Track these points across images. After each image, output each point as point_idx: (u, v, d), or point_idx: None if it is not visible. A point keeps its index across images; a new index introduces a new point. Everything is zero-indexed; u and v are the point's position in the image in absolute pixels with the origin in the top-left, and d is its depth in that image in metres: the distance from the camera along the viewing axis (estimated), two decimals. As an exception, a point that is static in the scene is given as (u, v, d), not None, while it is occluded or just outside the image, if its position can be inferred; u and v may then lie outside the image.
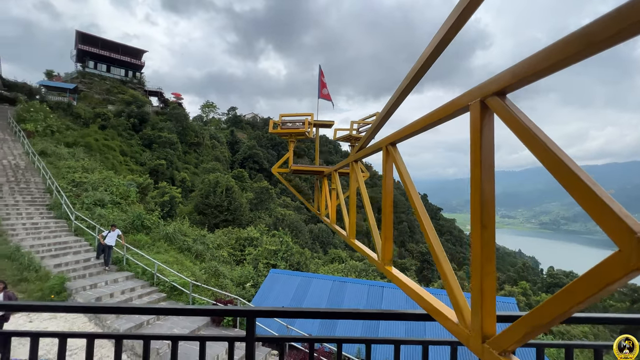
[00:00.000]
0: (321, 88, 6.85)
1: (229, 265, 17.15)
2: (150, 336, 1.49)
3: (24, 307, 1.76)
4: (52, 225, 13.79)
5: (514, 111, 0.76)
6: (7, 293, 6.77)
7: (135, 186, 20.64)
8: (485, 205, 0.87)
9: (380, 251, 1.87)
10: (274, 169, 6.20)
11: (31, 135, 22.85)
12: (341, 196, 3.41)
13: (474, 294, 0.89)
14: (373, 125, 2.00)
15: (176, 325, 9.10)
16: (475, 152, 0.90)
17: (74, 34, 43.14)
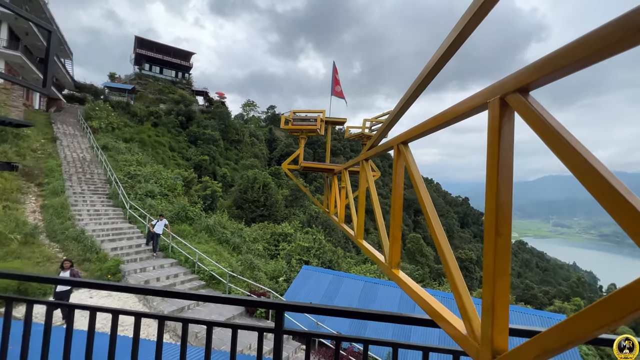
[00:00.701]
0: (334, 85, 6.76)
1: (263, 258, 17.74)
2: (188, 319, 1.61)
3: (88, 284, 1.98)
4: (111, 212, 15.33)
5: (538, 110, 0.69)
6: (73, 271, 7.68)
7: (181, 180, 22.19)
8: (501, 211, 0.81)
9: (387, 253, 1.80)
10: (284, 165, 6.21)
11: (96, 131, 25.56)
12: (350, 195, 3.35)
13: (485, 305, 0.83)
14: (385, 123, 1.93)
15: (213, 312, 9.64)
16: (493, 153, 0.84)
17: (133, 39, 47.32)
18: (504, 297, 0.81)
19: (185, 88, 47.84)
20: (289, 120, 5.69)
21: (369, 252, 2.36)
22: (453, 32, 1.02)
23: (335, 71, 6.83)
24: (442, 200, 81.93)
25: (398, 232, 1.73)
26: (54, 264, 10.37)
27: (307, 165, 5.55)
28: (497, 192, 0.82)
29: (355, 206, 3.17)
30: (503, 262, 0.81)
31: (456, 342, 1.04)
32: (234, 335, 1.61)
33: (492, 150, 0.84)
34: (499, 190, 0.82)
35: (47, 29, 2.36)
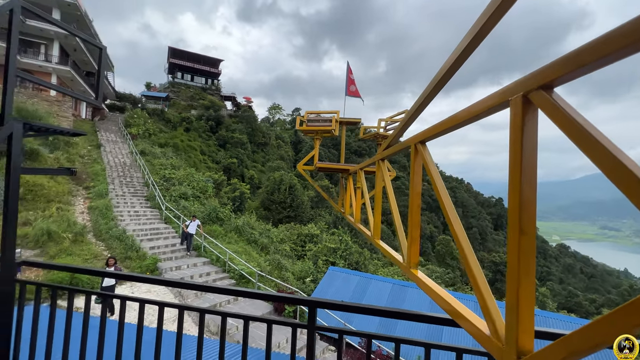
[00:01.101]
0: (348, 85, 6.70)
1: (290, 259, 18.01)
2: (227, 313, 1.71)
3: (134, 277, 2.16)
4: (148, 213, 16.31)
5: (564, 107, 0.67)
6: (117, 267, 8.28)
7: (211, 182, 23.13)
8: (525, 209, 0.80)
9: (405, 253, 1.78)
10: (299, 165, 6.20)
11: (134, 137, 27.34)
12: (366, 195, 3.30)
13: (510, 306, 0.82)
14: (401, 122, 1.90)
15: (244, 310, 9.95)
16: (515, 152, 0.82)
17: (167, 50, 50.09)
18: (528, 297, 0.80)
19: (215, 94, 49.81)
20: (303, 121, 5.73)
21: (386, 252, 2.35)
22: (474, 26, 1.01)
23: (350, 71, 6.81)
24: (473, 201, 78.46)
25: (416, 232, 1.72)
26: (100, 261, 11.23)
27: (321, 166, 5.56)
28: (520, 191, 0.81)
29: (371, 206, 3.15)
30: (527, 261, 0.80)
31: (479, 342, 1.02)
32: (269, 329, 1.69)
33: (515, 149, 0.83)
34: (522, 189, 0.81)
35: (99, 46, 2.60)
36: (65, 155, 18.67)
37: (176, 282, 1.95)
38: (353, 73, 6.93)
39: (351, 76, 6.85)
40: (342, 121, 5.95)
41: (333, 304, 1.62)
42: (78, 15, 26.61)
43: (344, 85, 6.90)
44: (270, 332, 1.69)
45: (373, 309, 1.57)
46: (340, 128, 6.03)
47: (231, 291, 1.86)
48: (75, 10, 25.92)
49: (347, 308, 1.61)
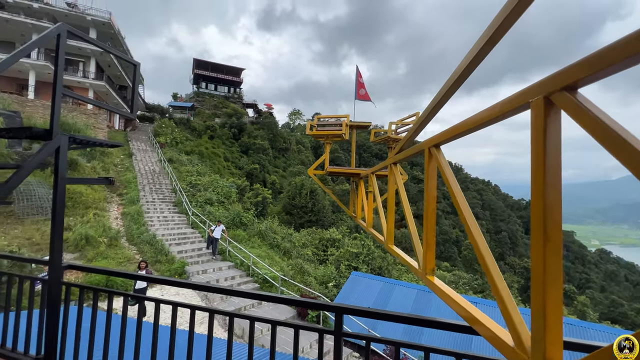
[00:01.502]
0: (358, 89, 6.67)
1: (312, 263, 18.04)
2: (255, 318, 1.75)
3: (167, 281, 2.26)
4: (176, 218, 16.98)
5: (590, 108, 0.64)
6: (148, 271, 8.67)
7: (235, 188, 23.72)
8: (549, 215, 0.76)
9: (421, 259, 1.73)
10: (310, 170, 6.18)
11: (163, 146, 28.65)
12: (378, 199, 3.25)
13: (536, 315, 0.78)
14: (415, 124, 1.86)
15: (268, 314, 10.06)
16: (538, 155, 0.80)
17: (192, 61, 52.30)
18: (556, 306, 0.76)
19: (237, 102, 51.25)
20: (313, 126, 5.76)
21: (401, 258, 2.30)
22: (491, 25, 0.98)
23: (359, 75, 6.82)
24: (502, 204, 75.07)
25: (432, 237, 1.68)
26: (132, 264, 11.81)
27: (332, 170, 5.54)
28: (544, 196, 0.78)
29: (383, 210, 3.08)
30: (554, 268, 0.76)
31: (502, 353, 0.98)
32: (296, 334, 1.71)
33: (537, 152, 0.81)
34: (546, 193, 0.78)
35: (134, 63, 2.78)
36: (101, 164, 19.89)
37: (208, 287, 2.02)
38: (362, 77, 6.97)
39: (360, 80, 6.88)
40: (353, 125, 5.95)
41: (360, 311, 1.62)
42: (112, 34, 28.47)
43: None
44: (298, 338, 1.70)
45: (401, 316, 1.54)
46: (350, 132, 6.03)
47: (259, 296, 1.90)
48: (110, 29, 27.75)
49: (374, 315, 1.59)
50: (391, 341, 1.61)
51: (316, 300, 1.74)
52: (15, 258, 2.85)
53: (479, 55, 1.09)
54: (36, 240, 11.91)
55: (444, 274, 21.52)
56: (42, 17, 25.09)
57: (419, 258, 1.81)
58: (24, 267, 8.39)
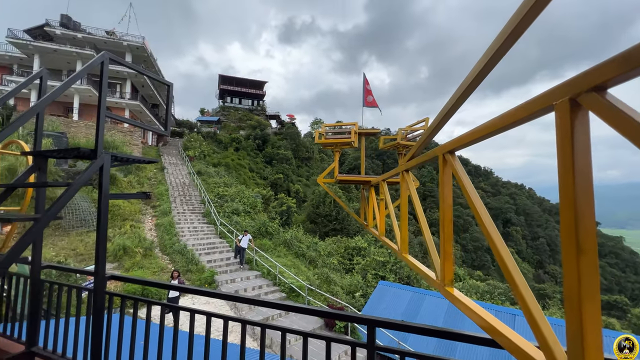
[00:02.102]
0: (366, 96, 6.67)
1: (338, 273, 17.85)
2: (286, 329, 1.76)
3: (200, 291, 2.33)
4: (205, 229, 17.56)
5: (623, 109, 0.60)
6: (180, 280, 8.99)
7: (260, 198, 24.21)
8: (582, 225, 0.70)
9: (439, 270, 1.65)
10: (319, 179, 6.13)
11: (192, 159, 29.96)
12: (390, 207, 3.14)
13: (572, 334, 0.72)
14: (428, 130, 1.78)
15: (295, 324, 10.05)
16: (565, 160, 0.74)
17: (217, 77, 54.73)
18: (594, 323, 0.70)
19: (260, 114, 52.74)
20: (322, 134, 5.77)
21: (416, 268, 2.21)
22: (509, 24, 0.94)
23: (366, 82, 6.85)
24: (538, 209, 70.67)
25: (450, 246, 1.60)
26: (166, 274, 12.30)
27: (342, 179, 5.48)
28: (575, 204, 0.72)
29: (396, 218, 2.99)
30: (590, 283, 0.70)
31: None
32: (328, 347, 1.69)
33: (565, 157, 0.76)
34: (577, 202, 0.72)
35: (167, 84, 2.96)
36: (136, 178, 21.12)
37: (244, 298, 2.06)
38: (370, 83, 7.04)
39: (368, 87, 6.93)
40: (361, 132, 5.93)
41: (393, 324, 1.58)
42: (145, 56, 30.52)
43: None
44: (330, 351, 1.69)
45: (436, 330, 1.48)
46: (359, 139, 6.00)
47: (292, 307, 1.91)
48: (143, 52, 29.79)
49: (407, 328, 1.55)
50: (425, 356, 1.55)
51: (348, 313, 1.72)
52: (67, 269, 3.07)
53: (499, 52, 1.04)
54: (80, 251, 12.77)
55: (477, 283, 20.45)
56: (84, 45, 27.45)
57: (437, 268, 1.75)
58: (69, 277, 9.00)
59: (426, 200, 56.13)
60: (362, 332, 10.86)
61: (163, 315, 2.30)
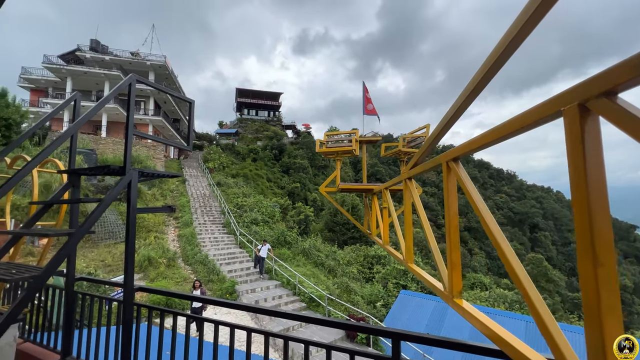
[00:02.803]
0: (366, 104, 6.72)
1: (358, 282, 17.57)
2: (309, 342, 1.75)
3: (223, 303, 2.36)
4: (225, 239, 17.86)
5: (637, 114, 0.58)
6: (202, 290, 9.14)
7: (278, 207, 24.42)
8: (598, 236, 0.67)
9: (447, 281, 1.59)
10: (321, 188, 6.07)
11: (212, 171, 30.77)
12: (394, 215, 3.07)
13: (593, 350, 0.68)
14: (430, 137, 1.74)
15: (315, 334, 9.93)
16: (577, 167, 0.71)
17: (234, 91, 56.39)
18: (617, 338, 0.68)
19: (276, 124, 53.65)
20: (323, 143, 5.76)
21: (423, 278, 2.14)
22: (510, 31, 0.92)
23: (366, 90, 6.93)
24: (568, 212, 67.02)
25: (457, 256, 1.54)
26: (188, 284, 12.56)
27: (344, 187, 5.42)
28: (589, 215, 0.69)
29: (400, 227, 2.91)
30: (610, 297, 0.67)
31: None
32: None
33: (576, 164, 0.72)
34: (591, 211, 0.69)
35: (189, 101, 3.09)
36: (159, 190, 21.90)
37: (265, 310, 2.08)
38: (369, 92, 7.18)
39: (367, 95, 7.02)
40: (362, 140, 5.92)
41: (418, 337, 1.53)
42: (167, 74, 31.97)
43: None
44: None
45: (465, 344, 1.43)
46: (360, 147, 5.98)
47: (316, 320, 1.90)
48: (165, 70, 31.23)
49: (433, 342, 1.50)
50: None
51: (372, 325, 1.69)
52: (98, 281, 3.21)
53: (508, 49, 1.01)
54: (108, 262, 13.30)
55: (505, 292, 19.51)
56: (111, 67, 29.14)
57: (444, 279, 1.69)
58: (99, 287, 9.37)
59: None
60: (384, 343, 10.58)
61: (188, 326, 2.35)
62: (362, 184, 5.29)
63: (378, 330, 1.68)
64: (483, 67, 1.12)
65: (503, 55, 1.00)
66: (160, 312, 2.55)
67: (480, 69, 1.15)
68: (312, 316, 1.92)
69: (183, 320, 2.79)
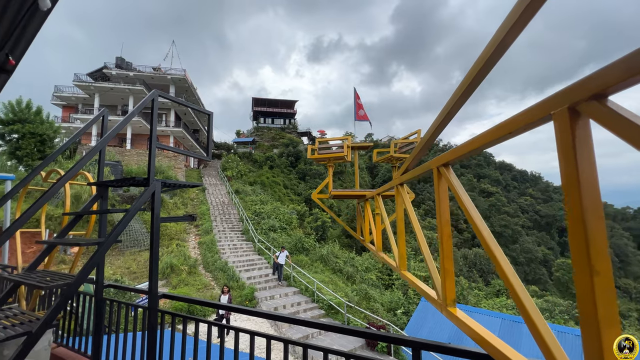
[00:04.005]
0: (357, 110, 6.78)
1: (378, 289, 17.29)
2: (328, 350, 1.75)
3: (243, 310, 2.40)
4: (244, 246, 18.10)
5: (628, 117, 0.57)
6: (230, 295, 9.31)
7: (295, 213, 24.55)
8: (593, 243, 0.66)
9: (439, 289, 1.55)
10: (313, 195, 6.01)
11: (230, 179, 31.44)
12: (386, 221, 3.04)
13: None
14: (421, 142, 1.70)
15: (335, 343, 9.82)
16: (569, 172, 0.70)
17: (251, 100, 57.71)
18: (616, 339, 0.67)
19: (292, 132, 54.30)
20: (314, 149, 5.75)
21: (416, 286, 2.09)
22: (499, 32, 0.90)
23: (357, 96, 7.00)
24: (599, 215, 63.33)
25: (450, 264, 1.51)
26: (209, 291, 12.79)
27: (336, 194, 5.36)
28: (583, 221, 0.67)
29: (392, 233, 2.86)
30: (607, 307, 0.65)
31: None
32: (372, 370, 1.65)
33: (568, 169, 0.71)
34: (585, 218, 0.67)
35: (207, 113, 3.20)
36: (180, 199, 22.57)
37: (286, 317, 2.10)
38: (360, 97, 7.31)
39: (359, 101, 7.10)
40: (354, 146, 5.90)
41: (439, 347, 1.50)
42: (186, 87, 33.20)
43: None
44: (374, 373, 1.64)
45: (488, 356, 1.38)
46: (353, 154, 5.96)
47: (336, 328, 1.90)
48: (184, 83, 32.46)
49: (456, 352, 1.46)
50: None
51: (393, 334, 1.67)
52: (125, 288, 3.34)
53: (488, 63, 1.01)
54: (133, 269, 13.79)
55: (533, 300, 18.60)
56: (135, 82, 30.61)
57: (437, 287, 1.66)
58: (124, 294, 9.72)
59: (468, 210, 52.90)
60: (406, 352, 10.31)
61: (210, 333, 2.40)
62: (354, 190, 5.27)
63: (398, 339, 1.66)
64: (472, 71, 1.12)
65: (491, 58, 1.00)
66: (183, 318, 2.63)
67: (468, 73, 1.15)
68: (331, 324, 1.92)
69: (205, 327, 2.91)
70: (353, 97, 7.30)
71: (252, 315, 2.29)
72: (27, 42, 2.87)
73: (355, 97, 7.26)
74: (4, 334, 1.80)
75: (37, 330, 1.76)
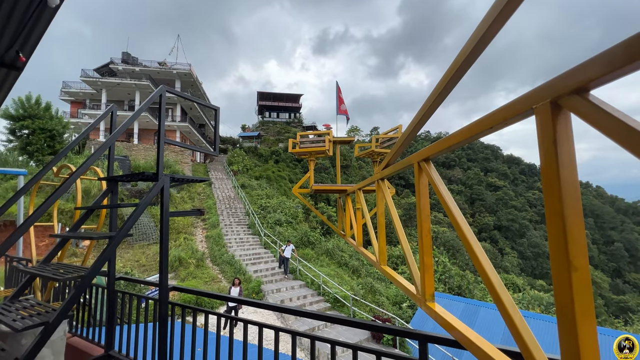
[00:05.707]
0: (339, 104, 6.81)
1: (383, 282, 17.36)
2: (335, 342, 1.78)
3: (251, 303, 2.44)
4: (250, 239, 18.29)
5: (609, 111, 0.57)
6: (241, 287, 9.46)
7: (301, 207, 24.64)
8: (572, 240, 0.67)
9: (419, 283, 1.56)
10: (294, 189, 5.96)
11: (236, 173, 31.63)
12: (367, 216, 3.05)
13: (568, 356, 0.69)
14: (401, 138, 1.71)
15: (341, 335, 9.93)
16: (549, 169, 0.70)
17: (256, 94, 57.64)
18: (591, 345, 0.68)
19: (297, 126, 54.20)
20: (296, 143, 5.73)
21: (395, 281, 2.10)
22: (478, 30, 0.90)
23: (339, 91, 6.97)
24: (610, 209, 62.35)
25: (429, 258, 1.52)
26: (216, 283, 12.99)
27: (318, 188, 5.34)
28: (563, 217, 0.67)
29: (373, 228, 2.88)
30: (584, 302, 0.67)
31: None
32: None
33: (548, 165, 0.70)
34: (564, 214, 0.67)
35: (214, 108, 3.22)
36: (187, 193, 22.82)
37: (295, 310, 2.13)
38: (342, 92, 7.30)
39: (340, 95, 7.14)
40: (336, 140, 5.89)
41: (445, 339, 1.51)
42: (192, 81, 33.26)
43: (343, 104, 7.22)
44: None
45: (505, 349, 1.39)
46: (334, 148, 5.95)
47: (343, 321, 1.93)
48: (190, 77, 32.51)
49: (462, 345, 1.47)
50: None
51: (399, 327, 1.69)
52: (135, 280, 3.42)
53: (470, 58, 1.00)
54: (142, 262, 14.06)
55: (539, 294, 18.47)
56: (141, 77, 30.77)
57: (417, 282, 1.67)
58: (135, 286, 9.93)
59: (474, 204, 52.61)
60: (411, 344, 10.39)
61: (219, 325, 2.46)
62: (335, 184, 5.28)
63: (404, 331, 1.67)
64: (451, 67, 1.12)
65: (473, 53, 0.99)
66: (193, 310, 2.69)
67: (447, 71, 1.15)
68: (337, 316, 1.95)
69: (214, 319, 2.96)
70: (335, 92, 7.31)
71: (260, 307, 2.33)
72: (37, 39, 2.90)
73: (337, 91, 7.29)
74: (22, 324, 1.87)
75: (54, 320, 1.83)
